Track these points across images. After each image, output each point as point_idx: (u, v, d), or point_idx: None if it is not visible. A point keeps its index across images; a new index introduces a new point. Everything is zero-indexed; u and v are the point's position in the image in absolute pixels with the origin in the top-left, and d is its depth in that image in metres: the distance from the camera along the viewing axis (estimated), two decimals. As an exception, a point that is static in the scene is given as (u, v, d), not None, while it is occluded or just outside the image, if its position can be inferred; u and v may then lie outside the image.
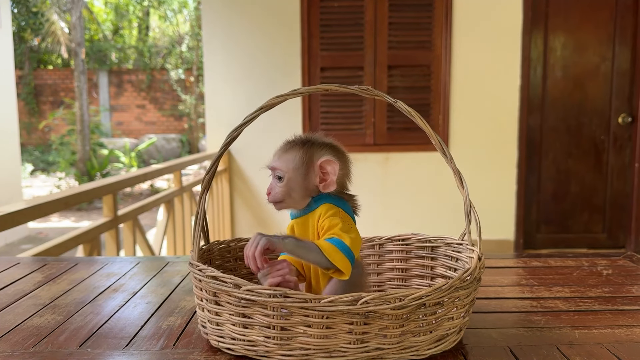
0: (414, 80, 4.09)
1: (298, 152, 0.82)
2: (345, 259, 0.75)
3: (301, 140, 0.83)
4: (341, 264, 0.75)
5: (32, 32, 12.77)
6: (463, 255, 0.87)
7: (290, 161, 0.81)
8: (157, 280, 1.12)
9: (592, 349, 0.77)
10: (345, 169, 0.84)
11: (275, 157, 0.83)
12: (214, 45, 4.12)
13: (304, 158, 0.81)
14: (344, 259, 0.75)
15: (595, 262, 1.23)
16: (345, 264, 0.75)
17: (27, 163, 10.94)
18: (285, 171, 0.81)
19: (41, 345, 0.79)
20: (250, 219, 4.19)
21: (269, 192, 0.82)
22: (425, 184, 4.12)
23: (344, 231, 0.77)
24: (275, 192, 0.82)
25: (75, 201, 2.01)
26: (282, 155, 0.82)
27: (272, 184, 0.83)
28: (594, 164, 4.18)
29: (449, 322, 0.74)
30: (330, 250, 0.75)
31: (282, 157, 0.82)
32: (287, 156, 0.82)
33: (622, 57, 4.06)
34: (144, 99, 12.95)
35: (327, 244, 0.75)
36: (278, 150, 0.84)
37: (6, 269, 1.21)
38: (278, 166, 0.82)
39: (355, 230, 0.80)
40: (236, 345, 0.73)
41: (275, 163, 0.82)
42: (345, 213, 0.81)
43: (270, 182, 0.83)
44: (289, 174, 0.81)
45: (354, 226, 0.81)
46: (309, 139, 0.83)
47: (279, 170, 0.82)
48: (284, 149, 0.83)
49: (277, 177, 0.82)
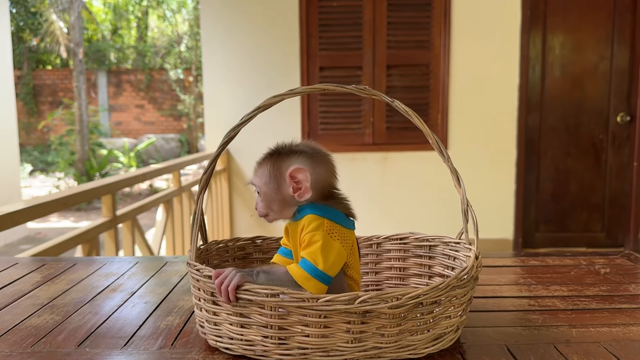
0: (413, 79, 4.09)
1: (266, 166, 0.82)
2: (318, 285, 0.74)
3: (269, 153, 0.83)
4: (314, 290, 0.73)
5: (31, 32, 12.76)
6: (460, 254, 0.87)
7: (261, 176, 0.82)
8: (155, 280, 1.12)
9: (589, 348, 0.77)
10: (323, 171, 0.81)
11: (253, 173, 0.84)
12: (213, 45, 4.12)
13: (272, 171, 0.81)
14: (317, 284, 0.74)
15: (593, 260, 1.23)
16: (319, 289, 0.74)
17: (26, 163, 10.93)
18: (259, 186, 0.82)
19: (39, 345, 0.79)
20: (249, 218, 4.19)
21: (255, 207, 0.84)
22: (423, 183, 4.12)
23: (323, 250, 0.75)
24: (259, 208, 0.84)
25: (74, 201, 2.01)
26: (257, 170, 0.83)
27: (256, 198, 0.84)
28: (593, 163, 4.18)
29: (446, 321, 0.74)
30: (302, 279, 0.74)
31: (256, 172, 0.83)
32: (260, 171, 0.82)
33: (620, 56, 4.07)
34: (142, 98, 12.94)
35: (299, 271, 0.74)
36: (255, 165, 0.84)
37: (5, 269, 1.21)
38: (254, 182, 0.83)
39: (336, 246, 0.76)
40: (234, 344, 0.73)
41: (252, 179, 0.83)
42: (331, 222, 0.78)
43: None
44: (262, 189, 0.82)
45: (336, 240, 0.77)
46: (277, 150, 0.82)
47: (255, 186, 0.83)
48: (258, 163, 0.83)
49: (257, 192, 0.83)
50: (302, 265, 0.75)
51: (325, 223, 0.78)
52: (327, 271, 0.74)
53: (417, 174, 4.12)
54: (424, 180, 4.12)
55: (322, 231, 0.76)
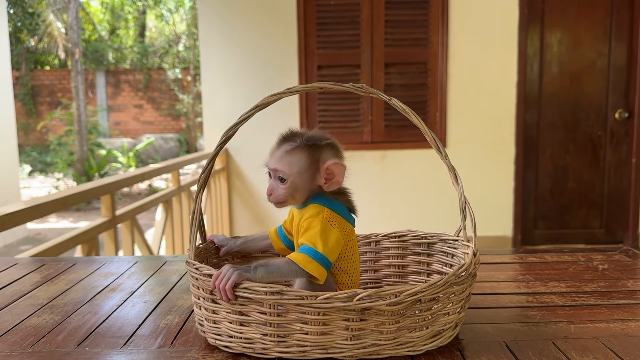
0: (411, 77, 4.09)
1: (303, 156, 0.80)
2: (319, 267, 0.75)
3: (305, 142, 0.80)
4: (316, 273, 0.75)
5: (29, 33, 12.74)
6: (459, 252, 0.88)
7: (294, 165, 0.80)
8: (155, 279, 1.13)
9: (588, 343, 0.77)
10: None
11: (275, 158, 0.81)
12: (210, 45, 4.12)
13: (309, 162, 0.80)
14: (318, 267, 0.75)
15: (591, 257, 1.24)
16: (320, 272, 0.75)
17: (25, 164, 10.92)
18: (289, 174, 0.80)
19: (39, 345, 0.79)
20: (249, 217, 4.19)
21: (270, 192, 0.81)
22: (422, 181, 4.12)
23: (322, 235, 0.76)
24: (277, 194, 0.81)
25: (74, 201, 2.01)
26: (285, 157, 0.80)
27: (273, 184, 0.81)
28: (591, 160, 4.19)
29: (444, 318, 0.74)
30: (304, 261, 0.75)
31: (284, 159, 0.80)
32: (291, 159, 0.80)
33: (618, 52, 4.07)
34: (141, 98, 12.93)
35: (300, 255, 0.75)
36: (278, 150, 0.81)
37: (4, 270, 1.21)
38: (281, 168, 0.80)
39: (335, 232, 0.78)
40: (233, 343, 0.73)
41: (277, 165, 0.80)
42: (331, 211, 0.80)
43: (270, 182, 0.81)
44: (293, 177, 0.80)
45: (335, 227, 0.79)
46: (312, 141, 0.81)
47: (282, 173, 0.80)
48: (286, 149, 0.80)
49: (280, 178, 0.80)
50: (302, 250, 0.76)
51: (326, 211, 0.79)
52: (327, 255, 0.76)
53: (416, 172, 4.12)
54: (422, 178, 4.12)
55: (321, 218, 0.78)
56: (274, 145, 0.83)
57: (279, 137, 0.83)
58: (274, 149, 0.82)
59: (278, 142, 0.83)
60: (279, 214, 3.40)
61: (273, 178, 0.81)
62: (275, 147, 0.82)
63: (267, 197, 0.82)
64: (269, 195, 0.81)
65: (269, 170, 0.82)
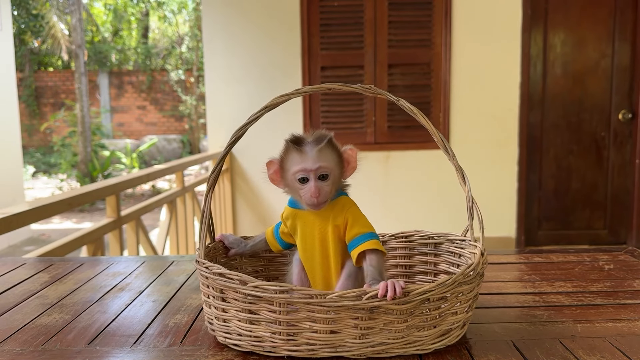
0: (414, 78, 4.09)
1: (331, 150, 0.83)
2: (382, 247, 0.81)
3: (324, 136, 0.83)
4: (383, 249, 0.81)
5: (33, 35, 12.78)
6: (466, 252, 0.88)
7: (330, 159, 0.82)
8: (162, 279, 1.13)
9: (595, 343, 0.77)
10: None
11: (312, 158, 0.80)
12: (214, 46, 4.13)
13: (337, 154, 0.83)
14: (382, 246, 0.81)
15: (597, 257, 1.24)
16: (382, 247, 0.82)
17: (29, 165, 10.95)
18: (331, 169, 0.81)
19: (50, 344, 0.80)
20: (252, 217, 4.20)
21: (317, 193, 0.80)
22: (426, 181, 4.13)
23: (367, 221, 0.83)
24: (325, 192, 0.81)
25: (79, 202, 2.02)
26: (320, 155, 0.81)
27: (317, 185, 0.80)
28: (595, 161, 4.18)
29: (452, 317, 0.75)
30: (377, 245, 0.80)
31: (321, 157, 0.81)
32: (325, 155, 0.81)
33: (622, 53, 4.07)
34: (144, 100, 12.96)
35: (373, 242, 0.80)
36: (308, 152, 0.81)
37: (13, 269, 1.22)
38: (324, 165, 0.81)
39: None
40: (243, 341, 0.74)
41: (319, 163, 0.80)
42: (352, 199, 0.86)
43: (312, 184, 0.80)
44: (333, 171, 0.82)
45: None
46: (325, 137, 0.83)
47: (326, 169, 0.81)
48: (319, 148, 0.81)
49: (322, 176, 0.81)
50: (369, 237, 0.81)
51: (351, 200, 0.86)
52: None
53: (419, 172, 4.12)
54: (426, 179, 4.12)
55: (355, 206, 0.84)
56: (296, 151, 0.81)
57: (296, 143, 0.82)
58: (299, 153, 0.81)
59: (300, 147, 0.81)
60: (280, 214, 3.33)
61: (314, 179, 0.81)
62: (300, 151, 0.81)
63: (313, 199, 0.80)
64: (316, 197, 0.80)
65: (305, 174, 0.81)
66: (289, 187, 0.84)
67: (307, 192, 0.80)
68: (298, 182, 0.81)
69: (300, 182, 0.81)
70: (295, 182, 0.81)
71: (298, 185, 0.81)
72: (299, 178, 0.81)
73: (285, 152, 0.83)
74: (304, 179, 0.81)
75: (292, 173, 0.81)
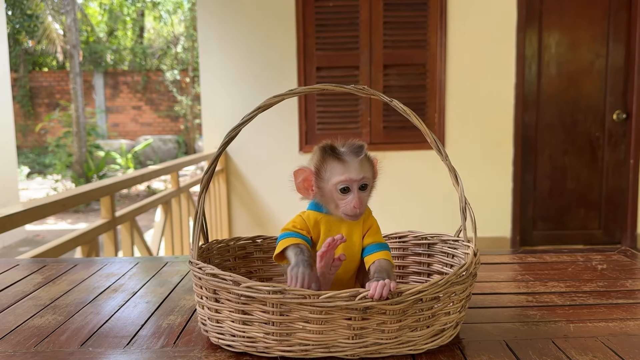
0: (410, 79, 4.10)
1: (368, 159, 0.84)
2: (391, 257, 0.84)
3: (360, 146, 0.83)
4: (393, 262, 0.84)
5: (27, 35, 12.74)
6: (459, 252, 0.88)
7: (369, 169, 0.83)
8: (156, 280, 1.13)
9: (587, 342, 0.78)
10: None
11: (355, 169, 0.81)
12: (209, 46, 4.13)
13: (372, 162, 0.85)
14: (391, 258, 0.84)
15: (590, 257, 1.24)
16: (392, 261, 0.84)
17: (24, 166, 10.91)
18: (369, 179, 0.83)
19: (43, 345, 0.80)
20: (248, 219, 4.20)
21: (360, 203, 0.80)
22: (421, 182, 4.13)
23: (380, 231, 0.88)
24: (365, 202, 0.83)
25: (73, 203, 2.01)
26: (362, 165, 0.81)
27: (359, 196, 0.81)
28: (590, 161, 4.20)
29: (445, 317, 0.75)
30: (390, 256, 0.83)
31: (363, 167, 0.82)
32: (365, 165, 0.82)
33: (616, 53, 4.08)
34: (139, 100, 12.94)
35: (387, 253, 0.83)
36: (350, 162, 0.81)
37: (6, 271, 1.21)
38: (367, 176, 0.82)
39: None
40: (236, 342, 0.74)
41: (363, 173, 0.81)
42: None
43: (355, 195, 0.80)
44: (370, 181, 0.84)
45: None
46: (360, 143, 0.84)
47: (367, 180, 0.82)
48: (360, 159, 0.81)
49: (362, 187, 0.82)
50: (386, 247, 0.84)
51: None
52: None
53: (414, 173, 4.13)
54: (421, 179, 4.13)
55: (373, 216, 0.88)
56: (337, 161, 0.81)
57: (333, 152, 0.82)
58: (341, 163, 0.81)
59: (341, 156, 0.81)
60: (277, 216, 3.44)
61: (356, 190, 0.81)
62: (342, 161, 0.81)
63: (355, 210, 0.80)
64: (358, 207, 0.80)
65: (348, 184, 0.80)
66: (324, 197, 0.82)
67: (349, 203, 0.80)
68: (339, 193, 0.81)
69: (341, 192, 0.81)
70: (336, 192, 0.81)
71: (339, 195, 0.81)
72: (340, 188, 0.80)
73: (322, 161, 0.82)
74: (345, 189, 0.81)
75: (333, 183, 0.80)
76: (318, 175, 0.82)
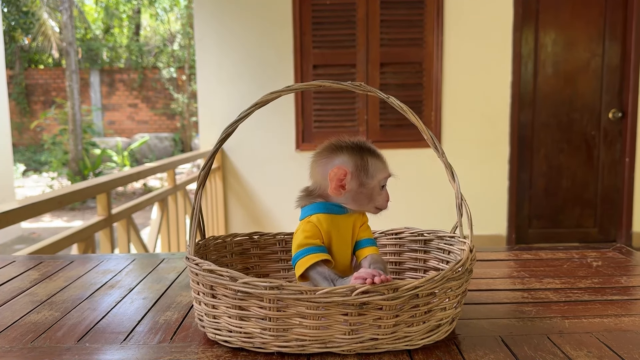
0: (406, 77, 4.11)
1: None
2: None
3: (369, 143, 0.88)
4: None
5: (23, 32, 12.69)
6: (455, 248, 0.89)
7: None
8: (152, 276, 1.13)
9: (582, 338, 0.78)
10: None
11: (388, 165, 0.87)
12: (206, 44, 4.12)
13: None
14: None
15: (585, 254, 1.25)
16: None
17: (19, 163, 10.87)
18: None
19: (39, 341, 0.80)
20: (244, 216, 4.20)
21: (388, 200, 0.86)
22: (417, 180, 4.14)
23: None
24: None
25: (69, 200, 2.01)
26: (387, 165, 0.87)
27: (386, 191, 0.86)
28: (585, 159, 4.22)
29: (441, 313, 0.75)
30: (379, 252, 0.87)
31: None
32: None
33: (612, 52, 4.10)
34: (135, 98, 12.90)
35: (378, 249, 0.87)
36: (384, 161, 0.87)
37: (2, 267, 1.21)
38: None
39: None
40: (233, 337, 0.74)
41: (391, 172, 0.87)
42: None
43: (385, 190, 0.86)
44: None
45: None
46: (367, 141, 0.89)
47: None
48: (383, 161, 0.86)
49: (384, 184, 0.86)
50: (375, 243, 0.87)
51: None
52: None
53: (411, 170, 4.14)
54: (417, 177, 4.14)
55: None
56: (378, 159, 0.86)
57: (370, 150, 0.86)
58: (380, 161, 0.86)
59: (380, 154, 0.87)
60: (275, 213, 3.44)
61: (384, 185, 0.86)
62: (381, 159, 0.86)
63: (386, 204, 0.86)
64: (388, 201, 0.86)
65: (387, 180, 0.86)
66: (361, 194, 0.84)
67: (385, 197, 0.86)
68: (381, 188, 0.86)
69: (382, 188, 0.86)
70: (378, 188, 0.85)
71: (379, 191, 0.85)
72: (383, 184, 0.86)
73: (362, 160, 0.85)
74: (382, 186, 0.86)
75: (379, 180, 0.84)
76: (364, 173, 0.84)
